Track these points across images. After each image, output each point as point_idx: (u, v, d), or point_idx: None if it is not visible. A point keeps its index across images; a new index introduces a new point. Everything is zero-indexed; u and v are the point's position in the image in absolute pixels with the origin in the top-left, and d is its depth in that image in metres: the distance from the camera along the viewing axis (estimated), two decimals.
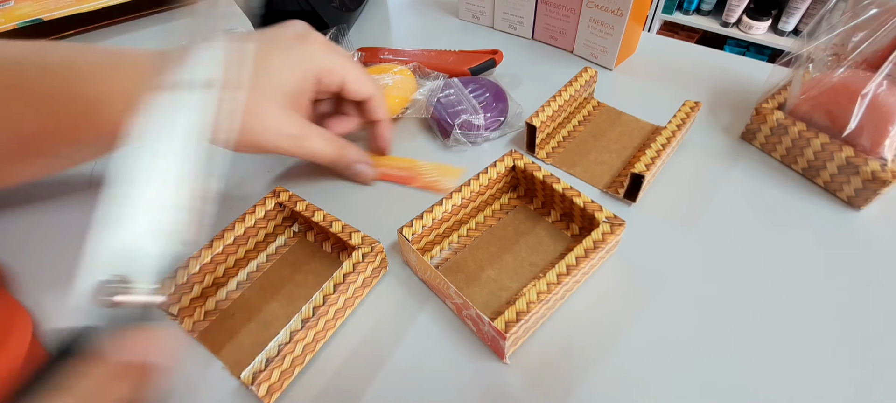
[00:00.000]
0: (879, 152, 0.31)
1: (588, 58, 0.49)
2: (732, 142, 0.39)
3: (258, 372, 0.24)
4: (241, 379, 0.24)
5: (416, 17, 0.59)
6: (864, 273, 0.30)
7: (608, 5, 0.43)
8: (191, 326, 0.29)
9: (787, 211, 0.34)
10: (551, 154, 0.39)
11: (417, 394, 0.26)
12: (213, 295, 0.31)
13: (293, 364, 0.26)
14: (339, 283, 0.27)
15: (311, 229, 0.34)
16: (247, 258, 0.32)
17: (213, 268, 0.30)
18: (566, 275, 0.27)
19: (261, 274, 0.32)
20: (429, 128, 0.42)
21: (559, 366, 0.27)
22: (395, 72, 0.42)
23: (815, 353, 0.26)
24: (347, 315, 0.29)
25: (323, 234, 0.33)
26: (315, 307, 0.26)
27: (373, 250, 0.29)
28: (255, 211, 0.32)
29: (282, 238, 0.34)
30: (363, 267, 0.28)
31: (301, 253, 0.33)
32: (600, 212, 0.30)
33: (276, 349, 0.25)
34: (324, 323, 0.27)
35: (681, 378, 0.26)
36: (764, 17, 1.50)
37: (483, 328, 0.26)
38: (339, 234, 0.30)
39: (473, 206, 0.33)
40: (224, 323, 0.29)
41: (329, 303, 0.27)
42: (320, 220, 0.31)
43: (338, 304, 0.27)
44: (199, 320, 0.29)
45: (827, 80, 0.32)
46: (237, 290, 0.31)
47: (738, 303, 0.29)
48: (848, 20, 0.33)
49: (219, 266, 0.30)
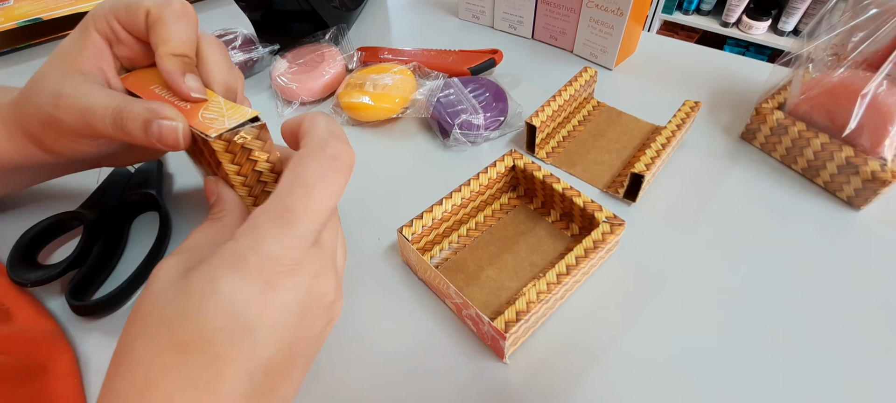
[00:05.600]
0: (879, 152, 0.31)
1: (588, 57, 0.49)
2: (732, 142, 0.39)
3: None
4: None
5: (416, 17, 0.59)
6: (864, 273, 0.30)
7: (608, 5, 0.43)
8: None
9: (787, 210, 0.34)
10: (551, 154, 0.39)
11: (417, 394, 0.26)
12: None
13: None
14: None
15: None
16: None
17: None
18: (566, 275, 0.27)
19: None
20: (429, 128, 0.42)
21: (559, 366, 0.27)
22: (395, 72, 0.42)
23: (815, 352, 0.26)
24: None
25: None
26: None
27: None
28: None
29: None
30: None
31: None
32: (600, 212, 0.30)
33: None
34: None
35: (680, 377, 0.26)
36: (764, 17, 1.50)
37: (483, 328, 0.26)
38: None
39: (473, 206, 0.33)
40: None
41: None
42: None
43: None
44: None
45: (827, 80, 0.32)
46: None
47: (738, 303, 0.29)
48: (848, 20, 0.33)
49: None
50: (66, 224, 0.33)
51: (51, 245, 0.33)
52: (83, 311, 0.29)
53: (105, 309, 0.29)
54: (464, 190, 0.32)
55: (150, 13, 0.25)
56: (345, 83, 0.43)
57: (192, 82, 0.24)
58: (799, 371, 0.26)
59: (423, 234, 0.30)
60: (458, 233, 0.33)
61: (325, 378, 0.27)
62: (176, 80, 0.24)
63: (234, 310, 0.18)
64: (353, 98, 0.41)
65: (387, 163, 0.39)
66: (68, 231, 0.34)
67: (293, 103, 0.45)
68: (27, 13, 0.53)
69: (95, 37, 0.26)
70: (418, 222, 0.30)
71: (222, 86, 0.26)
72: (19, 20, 0.52)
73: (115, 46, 0.27)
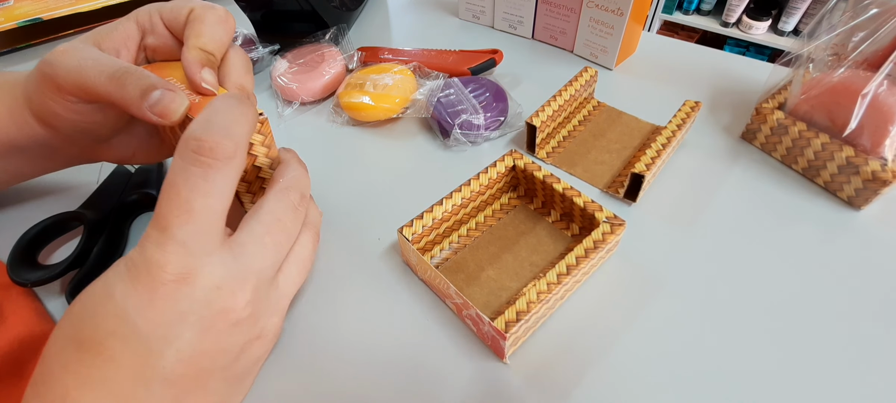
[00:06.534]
0: (880, 152, 0.31)
1: (588, 57, 0.49)
2: (732, 142, 0.39)
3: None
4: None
5: (416, 17, 0.59)
6: (865, 273, 0.30)
7: (608, 5, 0.43)
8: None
9: (788, 211, 0.34)
10: (551, 154, 0.39)
11: (417, 394, 0.26)
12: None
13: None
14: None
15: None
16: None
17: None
18: (566, 275, 0.27)
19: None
20: (429, 128, 0.42)
21: (559, 366, 0.27)
22: (396, 72, 0.42)
23: (815, 353, 0.26)
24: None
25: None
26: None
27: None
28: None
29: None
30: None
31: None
32: (600, 212, 0.30)
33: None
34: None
35: (680, 377, 0.26)
36: (764, 16, 1.50)
37: (483, 328, 0.26)
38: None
39: (473, 206, 0.33)
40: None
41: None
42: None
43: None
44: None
45: (827, 80, 0.32)
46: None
47: (739, 303, 0.29)
48: (848, 20, 0.33)
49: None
50: (66, 224, 0.33)
51: (51, 245, 0.33)
52: None
53: None
54: (464, 190, 0.32)
55: (193, 11, 0.26)
56: (345, 83, 0.43)
57: (208, 76, 0.25)
58: (799, 371, 0.26)
59: (424, 234, 0.30)
60: (458, 233, 0.33)
61: (326, 378, 0.27)
62: (193, 69, 0.24)
63: (125, 317, 0.18)
64: (353, 98, 0.41)
65: (387, 163, 0.39)
66: (68, 231, 0.34)
67: (293, 103, 0.45)
68: (27, 13, 0.53)
69: (131, 24, 0.27)
70: (418, 222, 0.30)
71: (235, 87, 0.27)
72: (19, 20, 0.52)
73: (148, 36, 0.28)
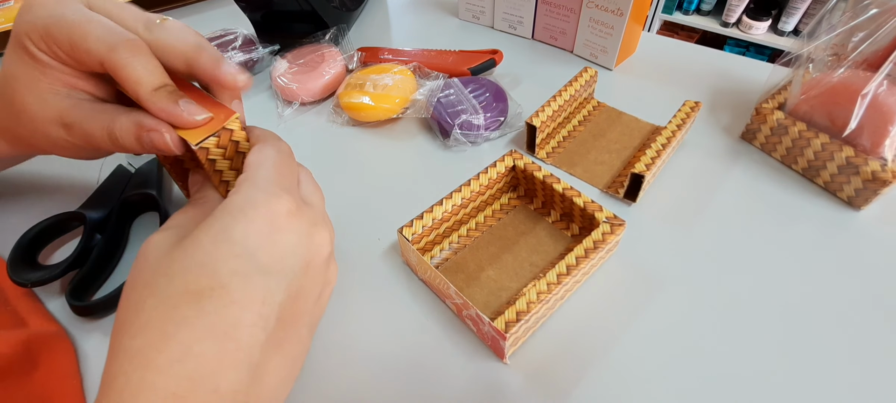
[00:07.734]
0: (879, 152, 0.31)
1: (588, 58, 0.49)
2: (732, 142, 0.39)
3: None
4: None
5: (416, 17, 0.59)
6: (865, 273, 0.30)
7: (608, 5, 0.43)
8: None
9: (788, 211, 0.34)
10: (551, 154, 0.39)
11: (417, 394, 0.26)
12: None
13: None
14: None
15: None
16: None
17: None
18: (566, 275, 0.27)
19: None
20: (429, 128, 0.42)
21: (559, 366, 0.27)
22: (395, 72, 0.42)
23: (815, 352, 0.26)
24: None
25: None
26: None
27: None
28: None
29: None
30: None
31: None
32: (600, 212, 0.30)
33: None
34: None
35: (680, 377, 0.26)
36: (764, 17, 1.50)
37: (483, 328, 0.26)
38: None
39: (473, 206, 0.33)
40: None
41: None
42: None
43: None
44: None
45: (827, 80, 0.32)
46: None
47: (738, 303, 0.29)
48: (848, 20, 0.33)
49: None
50: (66, 224, 0.33)
51: (51, 245, 0.33)
52: (83, 311, 0.29)
53: (105, 310, 0.29)
54: (464, 190, 0.32)
55: (103, 63, 0.22)
56: (345, 83, 0.43)
57: (189, 107, 0.22)
58: (799, 371, 0.26)
59: (424, 234, 0.30)
60: (458, 234, 0.33)
61: (326, 378, 0.27)
62: (174, 114, 0.22)
63: (247, 254, 0.18)
64: (353, 98, 0.41)
65: (387, 163, 0.39)
66: (68, 231, 0.34)
67: (293, 103, 0.45)
68: None
69: None
70: (418, 222, 0.30)
71: (181, 57, 0.23)
72: None
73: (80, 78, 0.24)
